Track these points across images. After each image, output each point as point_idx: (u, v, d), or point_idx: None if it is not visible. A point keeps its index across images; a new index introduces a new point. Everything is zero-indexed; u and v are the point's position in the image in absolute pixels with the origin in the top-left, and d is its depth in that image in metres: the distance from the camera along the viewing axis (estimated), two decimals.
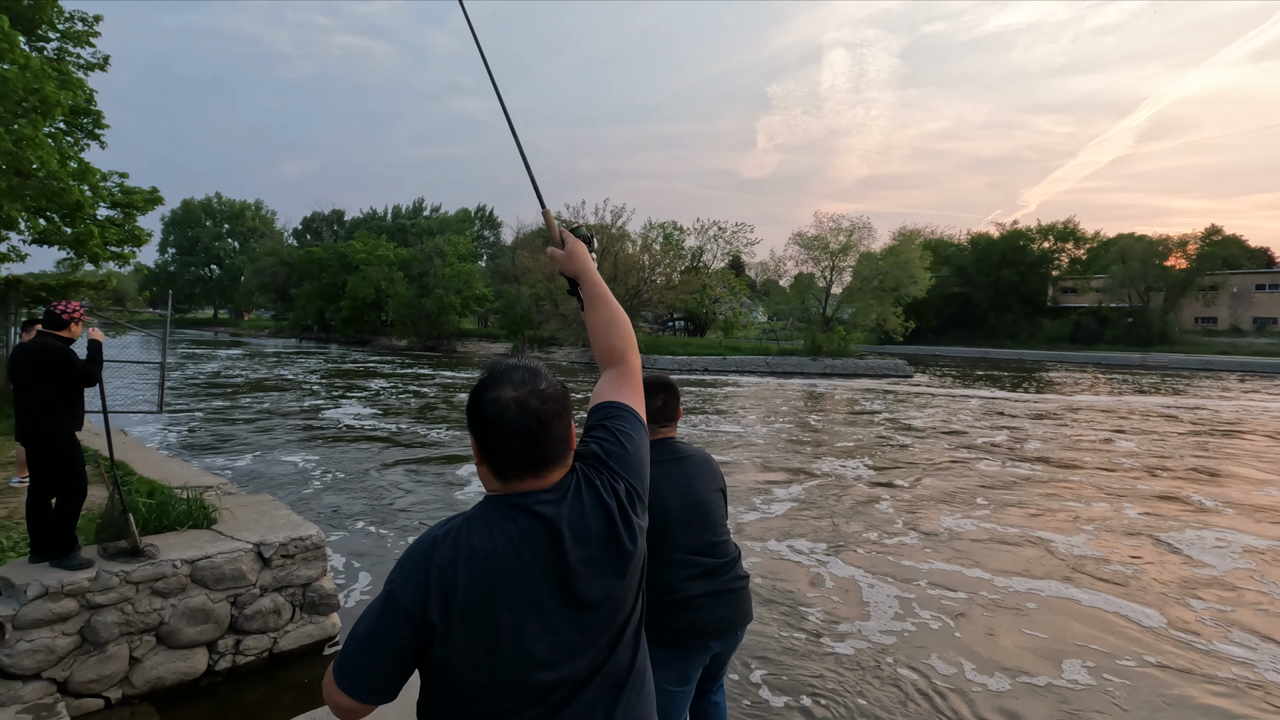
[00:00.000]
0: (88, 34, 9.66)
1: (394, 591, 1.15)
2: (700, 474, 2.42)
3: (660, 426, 2.45)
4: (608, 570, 1.21)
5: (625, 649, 1.25)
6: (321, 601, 4.96)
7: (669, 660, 2.21)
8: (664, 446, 2.41)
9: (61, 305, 4.25)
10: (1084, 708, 4.27)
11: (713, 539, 2.34)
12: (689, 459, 2.44)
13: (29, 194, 7.57)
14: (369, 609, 1.17)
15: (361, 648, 1.14)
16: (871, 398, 23.37)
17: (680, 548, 2.26)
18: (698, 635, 2.23)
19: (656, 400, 2.41)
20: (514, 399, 1.18)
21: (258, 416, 16.04)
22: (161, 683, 4.26)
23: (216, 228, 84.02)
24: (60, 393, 4.16)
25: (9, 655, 3.75)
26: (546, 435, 1.19)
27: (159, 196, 10.16)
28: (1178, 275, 54.39)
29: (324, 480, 9.81)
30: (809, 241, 40.27)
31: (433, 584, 1.13)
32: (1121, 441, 14.74)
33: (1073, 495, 9.71)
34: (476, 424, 1.20)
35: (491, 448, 1.20)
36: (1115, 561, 6.93)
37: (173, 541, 4.60)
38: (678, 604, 2.21)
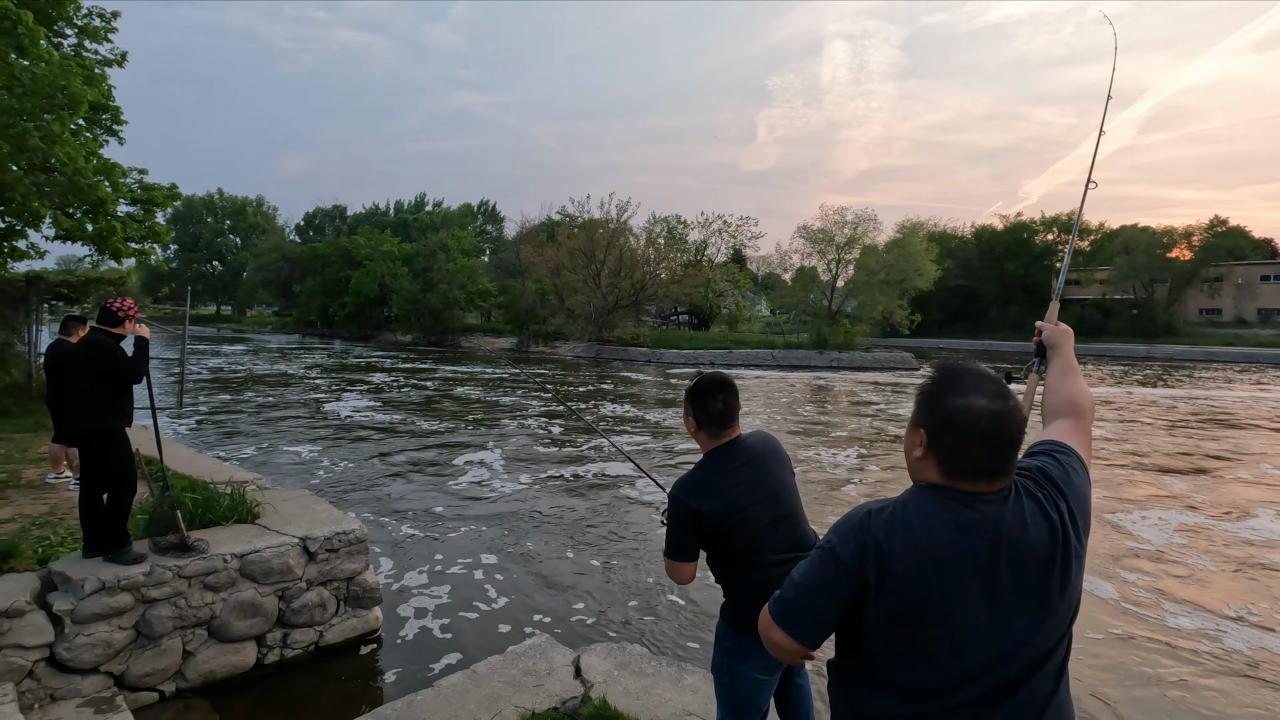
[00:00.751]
0: (105, 30, 9.63)
1: (833, 549, 1.29)
2: (775, 466, 2.36)
3: (724, 429, 2.30)
4: (1041, 583, 1.25)
5: (1047, 677, 1.27)
6: (365, 595, 5.00)
7: (758, 650, 2.22)
8: (734, 450, 2.28)
9: (117, 302, 4.26)
10: None
11: (799, 533, 2.32)
12: (762, 456, 2.34)
13: (56, 190, 7.58)
14: (807, 563, 1.33)
15: (800, 594, 1.31)
16: (876, 390, 23.39)
17: (775, 549, 2.25)
18: None
19: (716, 403, 2.26)
20: (989, 410, 1.25)
21: (261, 410, 16.26)
22: (213, 676, 4.30)
23: (218, 224, 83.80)
24: (110, 389, 4.17)
25: (68, 649, 3.78)
26: (1013, 450, 1.27)
27: (178, 193, 10.17)
28: (1182, 267, 54.27)
29: (330, 471, 10.01)
30: (814, 235, 40.18)
31: (869, 549, 1.25)
32: (1108, 429, 14.93)
33: None
34: (938, 422, 1.28)
35: (952, 448, 1.27)
36: None
37: (219, 536, 4.63)
38: (768, 597, 2.24)
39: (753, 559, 2.21)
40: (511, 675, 3.00)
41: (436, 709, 2.70)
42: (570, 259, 41.22)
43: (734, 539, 2.21)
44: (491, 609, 5.66)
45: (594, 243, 40.86)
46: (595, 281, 40.22)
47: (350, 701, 4.38)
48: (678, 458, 11.43)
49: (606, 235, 41.14)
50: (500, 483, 9.58)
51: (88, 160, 7.79)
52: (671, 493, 2.26)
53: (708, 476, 2.24)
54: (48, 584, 4.00)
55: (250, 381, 22.96)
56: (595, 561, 6.73)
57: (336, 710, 4.32)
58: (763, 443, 2.36)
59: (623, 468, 10.47)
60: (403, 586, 6.00)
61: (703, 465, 2.28)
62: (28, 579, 3.95)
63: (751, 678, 2.23)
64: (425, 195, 74.37)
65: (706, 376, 2.29)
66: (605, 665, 3.12)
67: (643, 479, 9.67)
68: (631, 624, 5.46)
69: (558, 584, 6.19)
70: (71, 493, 5.85)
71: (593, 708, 2.69)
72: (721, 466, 2.26)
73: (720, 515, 2.18)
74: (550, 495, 9.05)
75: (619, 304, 40.11)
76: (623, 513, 8.39)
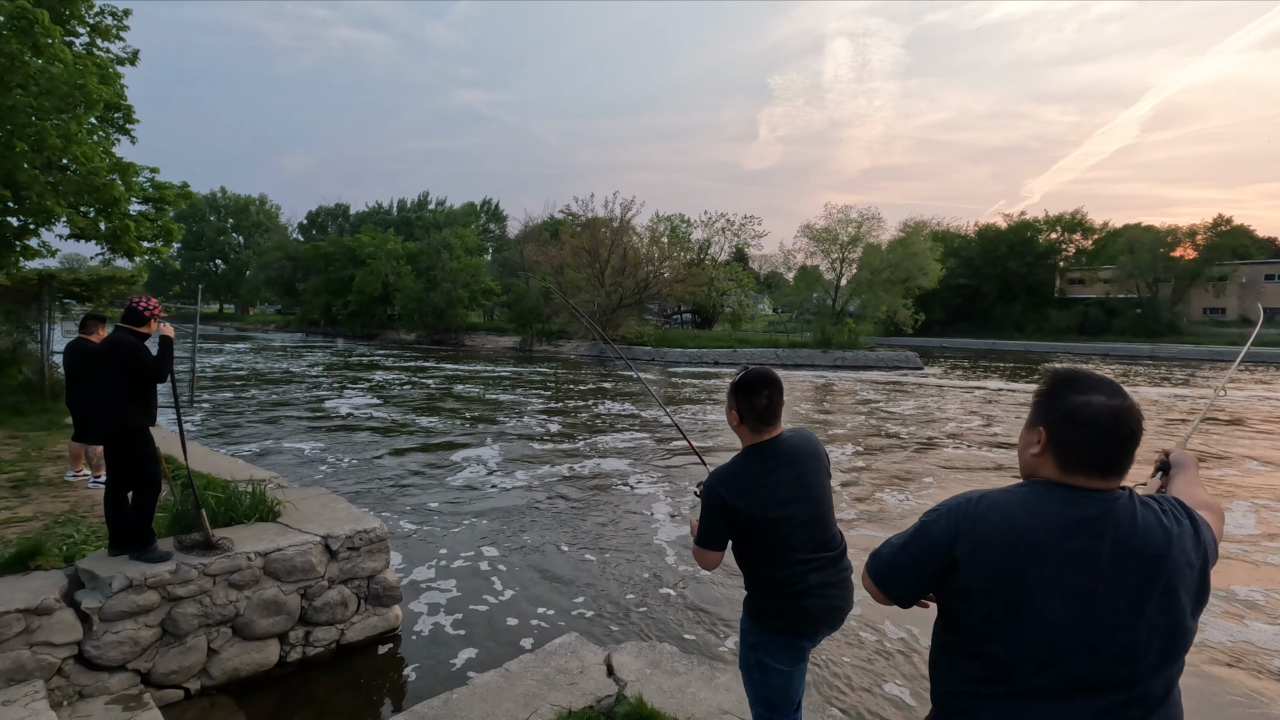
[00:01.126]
0: (117, 28, 9.64)
1: (927, 525, 1.43)
2: (814, 469, 2.35)
3: (767, 426, 2.29)
4: (1141, 586, 1.28)
5: (1144, 680, 1.30)
6: (385, 593, 5.01)
7: (784, 645, 2.27)
8: (771, 449, 2.29)
9: (142, 301, 4.27)
10: None
11: (828, 533, 2.33)
12: (796, 458, 2.31)
13: (70, 189, 7.59)
14: (904, 532, 1.49)
15: (893, 557, 1.48)
16: (881, 389, 23.39)
17: (803, 547, 2.26)
18: (812, 623, 2.27)
19: (761, 398, 2.25)
20: (1108, 406, 1.32)
21: (263, 408, 16.49)
22: (238, 674, 4.31)
23: (221, 223, 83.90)
24: (135, 388, 4.18)
25: (96, 647, 3.80)
26: (1131, 445, 1.33)
27: (189, 192, 10.18)
28: (1186, 266, 54.18)
29: (333, 467, 10.16)
30: (818, 233, 40.16)
31: (964, 528, 1.36)
32: None
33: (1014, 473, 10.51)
34: (1059, 419, 1.35)
35: (1071, 443, 1.33)
36: None
37: (242, 534, 4.64)
38: (798, 594, 2.25)
39: (780, 556, 2.23)
40: (545, 673, 3.01)
41: (473, 707, 2.72)
42: (574, 257, 41.23)
43: (765, 535, 2.23)
44: (499, 602, 5.75)
45: (598, 241, 40.86)
46: (599, 280, 40.23)
47: (372, 699, 4.40)
48: (674, 457, 11.49)
49: (610, 234, 41.13)
50: (498, 479, 9.72)
51: (102, 159, 7.80)
52: (708, 483, 2.28)
53: (745, 471, 2.25)
54: (75, 582, 4.02)
55: (253, 379, 23.13)
56: (591, 556, 6.84)
57: (359, 708, 4.34)
58: (804, 442, 2.35)
59: (618, 463, 10.76)
60: (412, 581, 6.08)
61: (741, 459, 2.29)
62: (55, 577, 3.97)
63: (779, 670, 2.26)
64: (428, 194, 74.45)
65: (753, 371, 2.28)
66: (637, 664, 3.13)
67: (635, 475, 9.97)
68: (631, 615, 5.58)
69: (558, 578, 6.31)
70: (90, 490, 5.86)
71: (629, 706, 2.69)
72: (760, 463, 2.26)
73: (753, 511, 2.20)
74: (546, 490, 9.21)
75: (623, 303, 40.13)
76: (615, 507, 8.54)
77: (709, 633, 5.30)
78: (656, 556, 6.83)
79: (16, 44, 7.00)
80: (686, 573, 6.41)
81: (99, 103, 7.42)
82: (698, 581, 6.17)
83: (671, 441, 12.76)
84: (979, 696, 1.36)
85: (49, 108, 6.96)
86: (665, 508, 8.47)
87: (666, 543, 7.21)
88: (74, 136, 7.09)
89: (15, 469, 6.43)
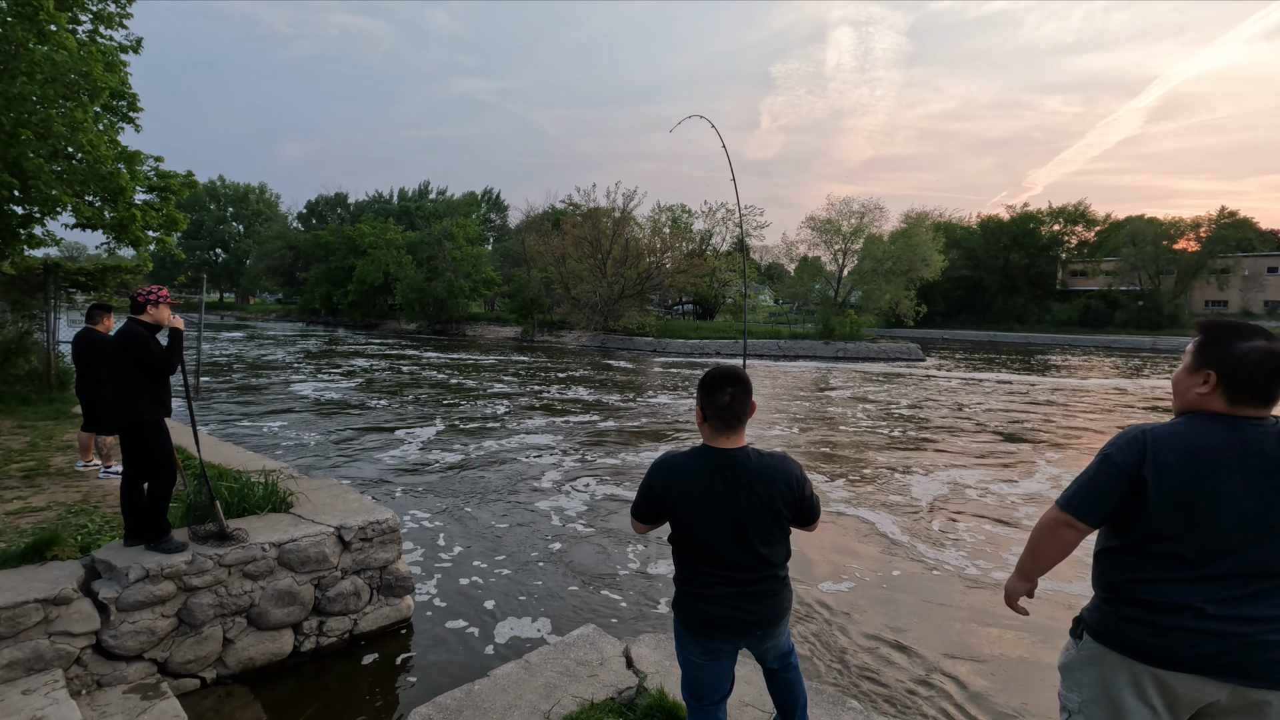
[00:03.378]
0: (120, 15, 9.56)
1: (1110, 455, 1.80)
2: (751, 492, 2.17)
3: (728, 429, 2.17)
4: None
5: None
6: (397, 584, 5.03)
7: (691, 640, 2.32)
8: (720, 458, 2.19)
9: (146, 289, 4.26)
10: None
11: (747, 556, 2.21)
12: (741, 477, 2.17)
13: (76, 178, 7.55)
14: (1088, 467, 1.85)
15: (1084, 489, 1.83)
16: (882, 379, 23.40)
17: (713, 560, 2.22)
18: (714, 627, 2.27)
19: (724, 395, 2.14)
20: (1270, 350, 1.70)
21: (240, 391, 17.37)
22: (252, 663, 4.34)
23: (220, 211, 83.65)
24: (147, 379, 4.18)
25: (114, 636, 3.81)
26: None
27: (194, 181, 10.12)
28: (1189, 258, 54.10)
29: (297, 443, 10.99)
30: (821, 224, 40.05)
31: (1146, 454, 1.75)
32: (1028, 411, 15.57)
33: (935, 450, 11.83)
34: (1231, 362, 1.72)
35: (1243, 381, 1.72)
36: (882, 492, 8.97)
37: (255, 525, 4.65)
38: (698, 598, 2.26)
39: (689, 559, 2.26)
40: (564, 665, 3.02)
41: (495, 697, 2.73)
42: (575, 248, 41.14)
43: (679, 532, 2.26)
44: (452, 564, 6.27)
45: (599, 231, 40.75)
46: (601, 271, 40.15)
47: (384, 690, 4.42)
48: (598, 439, 12.15)
49: (611, 224, 41.01)
50: (439, 453, 10.54)
51: (108, 148, 7.76)
52: (657, 460, 2.31)
53: (683, 466, 2.22)
54: (91, 572, 4.03)
55: (235, 365, 23.87)
56: (504, 524, 7.43)
57: (373, 697, 4.36)
58: (763, 466, 2.20)
59: (540, 439, 11.80)
60: None
61: (689, 455, 2.24)
62: (72, 567, 3.98)
63: (693, 662, 2.33)
64: (429, 183, 74.20)
65: (719, 368, 2.21)
66: (656, 656, 3.15)
67: (553, 453, 10.77)
68: (532, 570, 6.20)
69: (484, 535, 7.03)
70: (102, 480, 5.88)
71: (650, 699, 2.71)
72: (702, 466, 2.18)
73: (673, 505, 2.22)
74: (483, 465, 9.94)
75: (624, 293, 40.07)
76: (528, 479, 9.25)
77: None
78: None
79: (21, 30, 6.95)
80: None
81: (104, 90, 7.36)
82: (553, 560, 6.58)
83: (599, 424, 13.67)
84: (1155, 582, 1.75)
85: (54, 95, 6.92)
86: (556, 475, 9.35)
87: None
88: (80, 124, 7.05)
89: (26, 459, 6.44)
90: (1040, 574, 1.99)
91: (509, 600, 5.59)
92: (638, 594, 5.72)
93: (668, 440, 12.33)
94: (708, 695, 2.33)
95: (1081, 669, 1.89)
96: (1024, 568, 2.00)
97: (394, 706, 4.23)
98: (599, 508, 7.96)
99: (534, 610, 5.42)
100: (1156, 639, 1.74)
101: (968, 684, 4.44)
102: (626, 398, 17.81)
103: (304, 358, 27.61)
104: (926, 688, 4.37)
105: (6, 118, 7.02)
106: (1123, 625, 1.80)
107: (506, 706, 2.65)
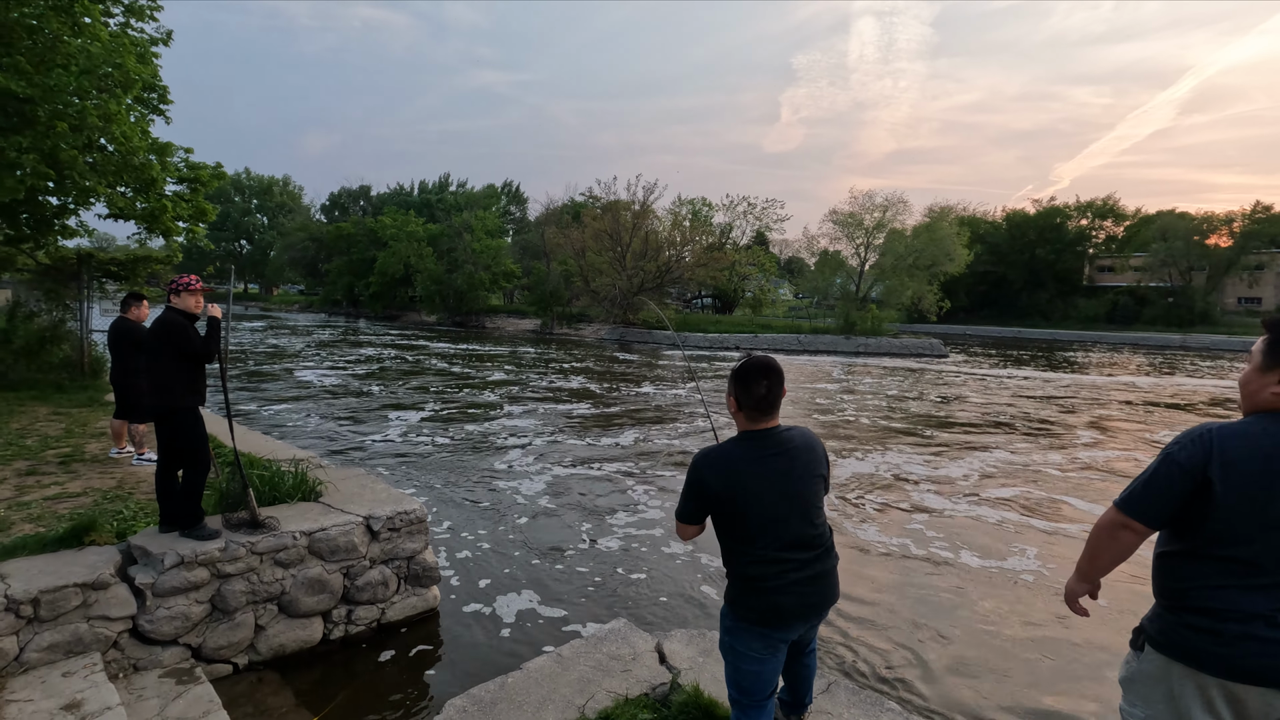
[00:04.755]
0: (151, 8, 9.66)
1: (1173, 455, 1.75)
2: (805, 464, 2.27)
3: (764, 416, 2.24)
4: None
5: None
6: (424, 574, 5.05)
7: (756, 634, 2.27)
8: (765, 439, 2.24)
9: (183, 278, 4.30)
10: None
11: (812, 531, 2.27)
12: (789, 451, 2.25)
13: (109, 169, 7.67)
14: (1149, 467, 1.79)
15: (1146, 489, 1.78)
16: (905, 375, 23.13)
17: (780, 543, 2.22)
18: (784, 617, 2.24)
19: (759, 387, 2.20)
20: None
21: (248, 377, 18.22)
22: (284, 650, 4.38)
23: (245, 203, 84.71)
24: (184, 368, 4.22)
25: (150, 621, 3.87)
26: None
27: (222, 172, 10.25)
28: (1222, 254, 52.81)
29: (296, 425, 11.68)
30: (844, 218, 39.64)
31: (1214, 452, 1.70)
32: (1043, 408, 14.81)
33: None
34: None
35: None
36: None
37: (286, 514, 4.70)
38: (771, 590, 2.22)
39: (755, 550, 2.22)
40: (597, 660, 3.01)
41: (530, 691, 2.72)
42: (595, 241, 41.12)
43: (741, 524, 2.21)
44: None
45: (619, 224, 40.68)
46: (620, 264, 40.11)
47: (411, 679, 4.45)
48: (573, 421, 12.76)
49: (631, 217, 40.92)
50: (425, 437, 11.18)
51: (141, 139, 7.86)
52: (694, 458, 2.27)
53: (732, 455, 2.23)
54: (128, 557, 4.09)
55: (249, 354, 24.67)
56: (472, 501, 7.93)
57: (400, 685, 4.39)
58: (801, 438, 2.31)
59: (525, 420, 12.73)
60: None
61: (732, 443, 2.26)
62: (109, 552, 4.04)
63: (751, 657, 2.28)
64: (449, 175, 74.64)
65: (753, 359, 2.25)
66: (689, 651, 3.12)
67: (525, 435, 11.47)
68: (505, 544, 6.62)
69: (459, 505, 7.68)
70: (135, 467, 5.97)
71: (685, 695, 2.69)
72: (749, 450, 2.22)
73: (732, 496, 2.18)
74: (460, 446, 10.58)
75: (644, 286, 40.00)
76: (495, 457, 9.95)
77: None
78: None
79: (57, 22, 7.05)
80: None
81: (137, 82, 7.45)
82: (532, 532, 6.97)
83: (576, 410, 14.26)
84: (1221, 589, 1.69)
85: (89, 87, 7.01)
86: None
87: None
88: (114, 116, 7.14)
89: (62, 445, 6.56)
90: (1099, 575, 1.92)
91: (499, 574, 5.92)
92: (595, 564, 6.24)
93: (637, 425, 12.88)
94: (761, 690, 2.30)
95: (1145, 682, 1.82)
96: (1082, 569, 1.94)
97: (422, 696, 4.25)
98: (559, 484, 8.68)
99: (518, 584, 5.76)
100: (1224, 649, 1.66)
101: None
102: (612, 387, 18.45)
103: (315, 346, 28.57)
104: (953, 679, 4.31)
105: (43, 110, 7.14)
106: (1187, 635, 1.73)
107: (541, 700, 2.65)
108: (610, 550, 6.52)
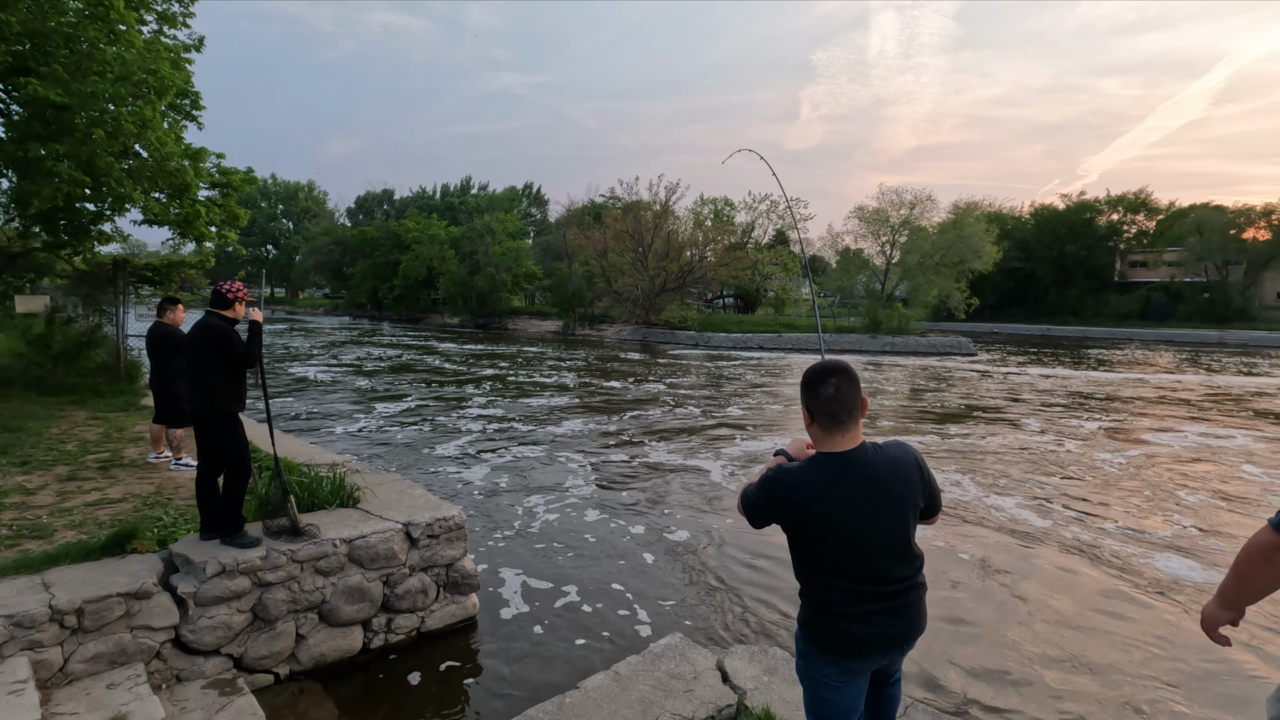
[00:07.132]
0: (184, 15, 9.73)
1: None
2: (889, 496, 2.00)
3: (839, 427, 1.97)
4: None
5: None
6: (464, 582, 4.96)
7: (827, 660, 2.10)
8: (845, 464, 1.98)
9: (227, 285, 4.24)
10: None
11: (898, 566, 2.05)
12: (873, 481, 1.99)
13: (145, 175, 7.73)
14: None
15: None
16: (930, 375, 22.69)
17: (856, 576, 2.02)
18: (857, 646, 2.06)
19: (827, 387, 1.95)
20: None
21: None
22: (324, 659, 4.31)
23: (271, 208, 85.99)
24: (225, 373, 4.16)
25: (192, 631, 3.81)
26: None
27: (254, 178, 10.31)
28: (1260, 247, 51.17)
29: (289, 416, 12.53)
30: (870, 215, 39.13)
31: None
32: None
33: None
34: None
35: None
36: None
37: (324, 520, 4.62)
38: (842, 617, 2.04)
39: (828, 578, 2.03)
40: (656, 678, 2.87)
41: (589, 713, 2.59)
42: (616, 241, 41.04)
43: (813, 548, 2.03)
44: None
45: (640, 225, 40.56)
46: (642, 264, 39.98)
47: (452, 688, 4.35)
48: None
49: (652, 217, 40.78)
50: (396, 428, 11.83)
51: (175, 145, 7.92)
52: (773, 472, 2.05)
53: (805, 481, 1.99)
54: (169, 566, 4.04)
55: (268, 357, 25.67)
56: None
57: (441, 695, 4.29)
58: (889, 463, 2.03)
59: (504, 408, 13.75)
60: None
61: (808, 466, 2.02)
62: (151, 561, 3.99)
63: (825, 684, 2.11)
64: (470, 178, 75.16)
65: (822, 362, 2.04)
66: (752, 670, 2.96)
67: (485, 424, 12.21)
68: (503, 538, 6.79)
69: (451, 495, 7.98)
70: (173, 472, 5.96)
71: (754, 719, 2.53)
72: (826, 478, 1.97)
73: (808, 526, 1.99)
74: (440, 436, 11.21)
75: (666, 286, 39.84)
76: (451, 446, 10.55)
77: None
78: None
79: (93, 30, 7.10)
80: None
81: (171, 89, 7.50)
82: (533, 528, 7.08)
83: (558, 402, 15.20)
84: None
85: (124, 94, 7.05)
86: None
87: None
88: (149, 122, 7.18)
89: (101, 450, 6.58)
90: (1247, 603, 1.71)
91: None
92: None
93: (604, 413, 13.60)
94: (839, 717, 2.13)
95: None
96: (1226, 595, 1.72)
97: (464, 708, 4.15)
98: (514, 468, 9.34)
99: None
100: None
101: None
102: (594, 384, 19.09)
103: (325, 346, 29.89)
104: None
105: (80, 117, 7.19)
106: None
107: None
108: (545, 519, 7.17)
